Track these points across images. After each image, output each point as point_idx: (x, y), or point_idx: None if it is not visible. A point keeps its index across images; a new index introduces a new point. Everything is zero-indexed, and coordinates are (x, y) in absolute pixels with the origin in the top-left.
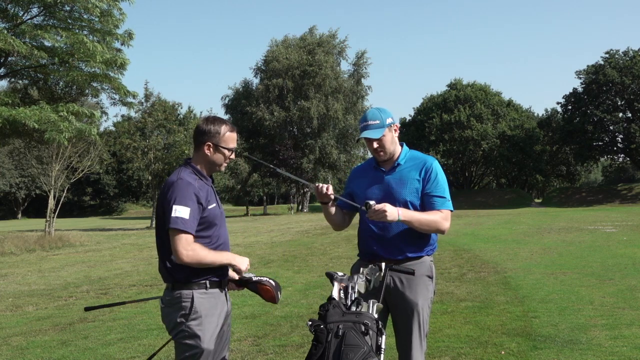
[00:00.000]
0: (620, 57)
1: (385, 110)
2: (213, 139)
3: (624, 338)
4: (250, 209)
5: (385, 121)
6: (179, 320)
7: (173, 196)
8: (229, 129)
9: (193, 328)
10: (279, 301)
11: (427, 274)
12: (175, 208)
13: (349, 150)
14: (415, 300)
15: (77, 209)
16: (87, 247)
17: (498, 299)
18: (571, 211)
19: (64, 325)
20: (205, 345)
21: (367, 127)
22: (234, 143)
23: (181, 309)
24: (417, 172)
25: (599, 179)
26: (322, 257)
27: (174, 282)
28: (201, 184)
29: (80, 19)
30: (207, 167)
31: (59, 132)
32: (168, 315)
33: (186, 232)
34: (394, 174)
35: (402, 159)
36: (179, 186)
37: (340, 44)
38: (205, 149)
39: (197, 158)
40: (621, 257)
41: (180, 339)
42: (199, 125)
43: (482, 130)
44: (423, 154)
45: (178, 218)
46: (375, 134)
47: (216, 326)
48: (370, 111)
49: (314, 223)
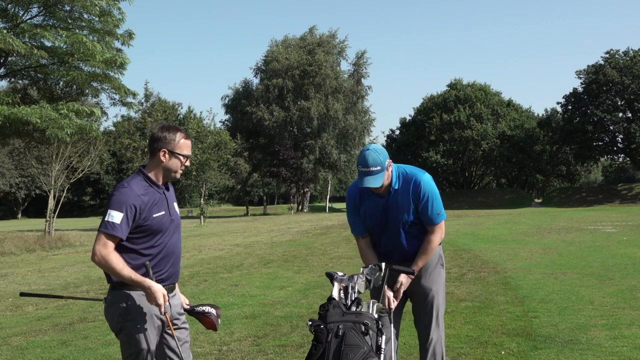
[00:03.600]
0: (620, 57)
1: (382, 151)
2: (168, 145)
3: (624, 338)
4: (250, 209)
5: (384, 164)
6: (118, 319)
7: (110, 200)
8: (183, 136)
9: (130, 328)
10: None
11: (438, 262)
12: (109, 212)
13: (349, 150)
14: (430, 286)
15: (77, 209)
16: (87, 247)
17: (498, 299)
18: (571, 211)
19: (64, 325)
20: (144, 346)
21: (369, 173)
22: (188, 150)
23: (119, 309)
24: (410, 195)
25: (599, 179)
26: (322, 257)
27: (114, 282)
28: (150, 191)
29: (80, 19)
30: (162, 174)
31: (60, 129)
32: (109, 314)
33: (112, 235)
34: (391, 200)
35: (395, 183)
36: (119, 192)
37: (340, 44)
38: (161, 156)
39: (151, 165)
40: (621, 257)
41: (121, 338)
42: (153, 133)
43: (482, 130)
44: (412, 170)
45: (108, 222)
46: (377, 181)
47: (155, 326)
48: (370, 155)
49: (314, 223)
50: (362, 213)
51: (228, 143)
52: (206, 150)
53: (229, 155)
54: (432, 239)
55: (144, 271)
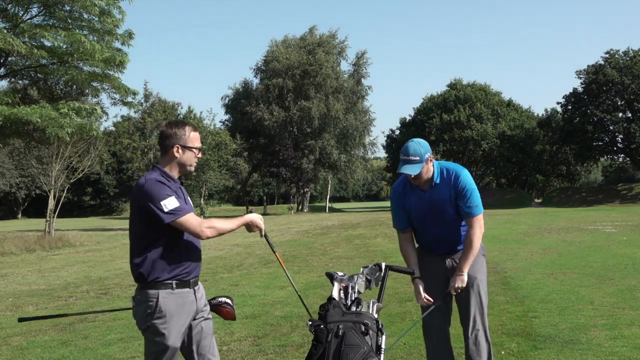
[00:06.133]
0: (620, 57)
1: (424, 143)
2: (180, 140)
3: (624, 338)
4: (250, 209)
5: (424, 157)
6: (146, 318)
7: (151, 196)
8: (192, 129)
9: (158, 326)
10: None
11: (481, 252)
12: (163, 204)
13: (349, 151)
14: (475, 275)
15: (77, 209)
16: (87, 247)
17: (498, 299)
18: (571, 211)
19: (64, 325)
20: (170, 343)
21: (408, 161)
22: (199, 142)
23: (147, 308)
24: (450, 188)
25: (599, 179)
26: (322, 257)
27: (142, 282)
28: (170, 184)
29: (80, 19)
30: (177, 169)
31: (60, 128)
32: (137, 312)
33: (186, 214)
34: (433, 194)
35: (436, 177)
36: (151, 185)
37: (340, 44)
38: (174, 152)
39: (165, 162)
40: (621, 257)
41: (148, 335)
42: (162, 130)
43: (482, 130)
44: (452, 166)
45: (171, 210)
46: (414, 170)
47: (182, 325)
48: (412, 146)
49: (314, 223)
50: (408, 207)
51: (228, 143)
52: (206, 150)
53: (228, 156)
54: (472, 235)
55: (179, 265)
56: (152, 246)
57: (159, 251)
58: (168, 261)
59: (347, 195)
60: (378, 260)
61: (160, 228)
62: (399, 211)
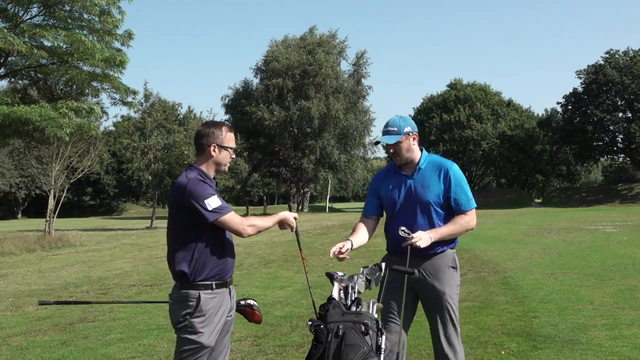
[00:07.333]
0: (620, 57)
1: (407, 118)
2: (217, 140)
3: (624, 338)
4: (250, 209)
5: (403, 129)
6: (184, 316)
7: (195, 195)
8: (228, 129)
9: (196, 325)
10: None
11: (451, 265)
12: (206, 202)
13: (349, 151)
14: (443, 290)
15: (77, 209)
16: (87, 247)
17: (498, 299)
18: (571, 211)
19: (64, 325)
20: (206, 342)
21: (386, 132)
22: (234, 142)
23: (187, 307)
24: (437, 175)
25: (599, 179)
26: (322, 257)
27: (183, 282)
28: (209, 182)
29: (80, 19)
30: (213, 168)
31: (59, 128)
32: (174, 311)
33: (227, 213)
34: (416, 178)
35: (422, 163)
36: (194, 184)
37: (340, 44)
38: (211, 150)
39: (201, 161)
40: (621, 257)
41: (183, 334)
42: (200, 130)
43: (482, 130)
44: (442, 158)
45: (215, 209)
46: (391, 139)
47: (218, 324)
48: (393, 118)
49: (314, 223)
50: (383, 192)
51: None
52: None
53: None
54: (461, 219)
55: (219, 264)
56: (194, 245)
57: (200, 250)
58: (210, 260)
59: (347, 195)
60: (378, 260)
61: (202, 227)
62: (372, 196)
